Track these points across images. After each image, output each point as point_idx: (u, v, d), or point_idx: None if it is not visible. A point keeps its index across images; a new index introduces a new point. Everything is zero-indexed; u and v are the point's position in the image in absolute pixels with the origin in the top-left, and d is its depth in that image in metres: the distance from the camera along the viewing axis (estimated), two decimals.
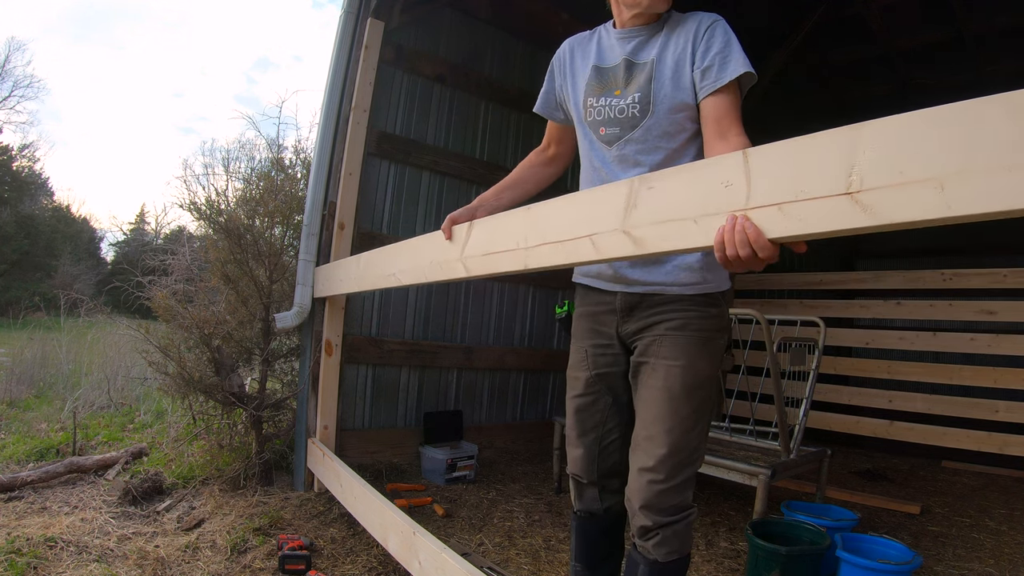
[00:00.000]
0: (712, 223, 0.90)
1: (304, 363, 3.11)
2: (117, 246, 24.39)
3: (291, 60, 77.90)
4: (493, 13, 3.90)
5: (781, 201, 0.82)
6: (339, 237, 3.09)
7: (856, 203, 0.73)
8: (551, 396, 4.33)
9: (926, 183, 0.67)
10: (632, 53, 1.39)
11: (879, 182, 0.72)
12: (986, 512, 3.24)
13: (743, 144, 1.21)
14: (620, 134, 1.37)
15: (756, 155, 0.86)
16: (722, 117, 1.26)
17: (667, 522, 1.30)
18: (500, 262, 1.36)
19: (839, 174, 0.75)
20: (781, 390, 2.46)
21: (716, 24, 1.32)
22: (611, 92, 1.40)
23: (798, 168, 0.81)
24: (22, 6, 47.29)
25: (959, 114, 0.66)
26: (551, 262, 1.21)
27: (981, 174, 0.63)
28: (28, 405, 4.86)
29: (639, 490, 1.31)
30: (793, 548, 2.01)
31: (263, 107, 24.93)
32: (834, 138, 0.77)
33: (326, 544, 2.37)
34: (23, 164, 21.22)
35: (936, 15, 4.38)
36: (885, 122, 0.72)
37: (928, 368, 4.41)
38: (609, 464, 1.47)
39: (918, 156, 0.68)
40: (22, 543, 2.15)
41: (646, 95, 1.34)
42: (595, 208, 1.11)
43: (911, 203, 0.69)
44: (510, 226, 1.34)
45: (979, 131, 0.63)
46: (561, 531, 2.63)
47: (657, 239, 0.99)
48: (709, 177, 0.92)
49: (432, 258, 1.68)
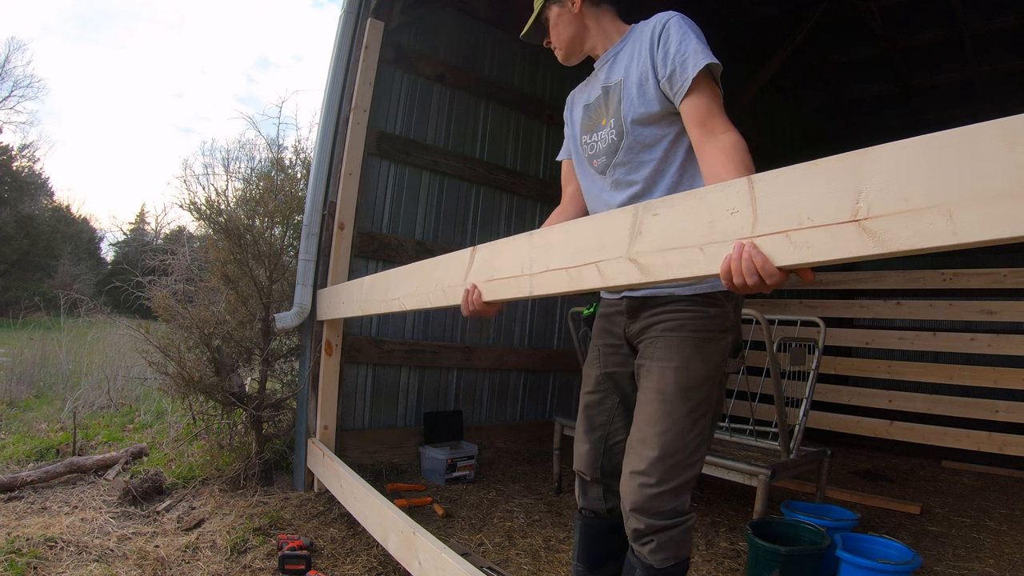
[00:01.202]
0: (718, 251, 0.89)
1: (304, 363, 3.11)
2: (117, 246, 24.43)
3: (291, 60, 78.00)
4: (492, 13, 3.90)
5: (787, 229, 0.81)
6: (339, 237, 3.09)
7: (864, 231, 0.72)
8: (551, 396, 4.33)
9: (934, 210, 0.66)
10: (605, 79, 1.42)
11: (886, 209, 0.70)
12: (986, 512, 3.24)
13: (733, 140, 1.21)
14: (607, 161, 1.40)
15: (761, 182, 0.85)
16: (705, 117, 1.25)
17: (661, 526, 1.28)
18: (505, 288, 1.34)
19: (845, 201, 0.74)
20: (781, 390, 2.46)
21: (669, 24, 1.30)
22: (599, 125, 1.43)
23: (804, 195, 0.80)
24: (22, 6, 47.31)
25: (965, 139, 0.64)
26: (556, 289, 1.20)
27: (989, 200, 0.62)
28: (28, 405, 4.86)
29: (630, 493, 1.30)
30: (793, 548, 2.01)
31: (263, 107, 24.99)
32: (840, 165, 0.76)
33: (326, 544, 2.37)
34: (23, 164, 21.25)
35: (936, 15, 4.39)
36: (891, 148, 0.71)
37: (928, 368, 4.41)
38: (614, 463, 1.46)
39: (925, 183, 0.67)
40: (22, 543, 2.15)
41: (618, 118, 1.37)
42: (600, 235, 1.10)
43: (919, 230, 0.68)
44: (514, 252, 1.32)
45: (985, 156, 0.62)
46: (561, 531, 2.63)
47: (663, 267, 0.97)
48: (714, 204, 0.91)
49: (436, 284, 1.67)
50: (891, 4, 4.26)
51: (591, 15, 1.45)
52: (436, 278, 1.67)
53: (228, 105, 66.91)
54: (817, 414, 4.49)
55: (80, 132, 54.48)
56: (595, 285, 1.11)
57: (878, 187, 0.71)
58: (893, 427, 4.38)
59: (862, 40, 4.85)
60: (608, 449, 1.48)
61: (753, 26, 4.88)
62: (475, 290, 1.40)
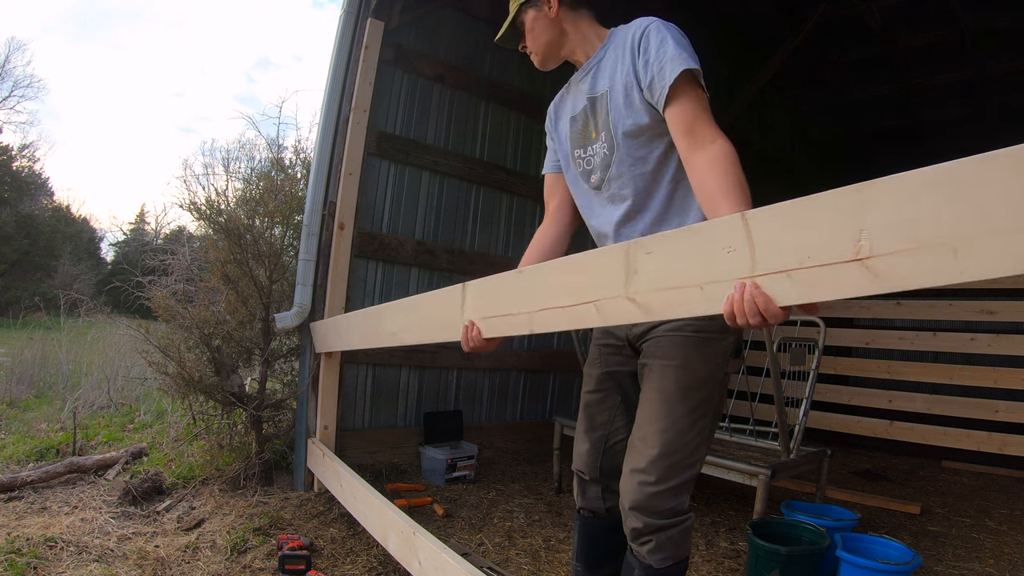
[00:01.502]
0: (718, 290, 0.88)
1: (304, 363, 3.11)
2: (117, 246, 24.43)
3: (291, 60, 77.95)
4: (492, 13, 3.90)
5: (788, 268, 0.79)
6: (339, 237, 3.10)
7: (867, 269, 0.69)
8: (551, 396, 4.33)
9: (938, 248, 0.63)
10: (590, 90, 1.38)
11: (889, 247, 0.67)
12: (986, 512, 3.24)
13: (721, 150, 1.17)
14: (602, 176, 1.38)
15: (756, 219, 0.82)
16: (690, 126, 1.21)
17: (660, 525, 1.27)
18: (501, 325, 1.32)
19: (847, 239, 0.71)
20: (781, 390, 2.46)
21: (648, 30, 1.27)
22: (590, 138, 1.39)
23: (803, 232, 0.77)
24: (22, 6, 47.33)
25: (969, 172, 0.61)
26: (556, 327, 1.18)
27: (996, 235, 0.59)
28: (28, 405, 4.86)
29: (629, 491, 1.29)
30: (793, 548, 2.01)
31: (263, 107, 25.01)
32: (839, 200, 0.72)
33: (326, 544, 2.37)
34: (23, 164, 21.26)
35: (936, 15, 4.39)
36: (891, 182, 0.68)
37: (928, 368, 4.42)
38: (613, 463, 1.45)
39: (929, 219, 0.64)
40: (22, 543, 2.15)
41: (608, 132, 1.34)
42: (595, 273, 1.08)
43: (924, 269, 0.65)
44: (510, 289, 1.30)
45: (991, 190, 0.59)
46: (561, 531, 2.63)
47: (663, 306, 0.95)
48: (709, 242, 0.89)
49: (433, 318, 1.65)
50: (891, 4, 4.26)
51: (569, 19, 1.41)
52: (432, 313, 1.65)
53: (228, 105, 66.91)
54: (817, 414, 4.50)
55: (80, 132, 54.47)
56: (596, 323, 1.09)
57: (880, 223, 0.68)
58: (893, 427, 4.38)
59: (862, 40, 4.85)
60: (608, 449, 1.47)
61: (753, 26, 4.89)
62: (473, 327, 1.37)
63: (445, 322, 1.54)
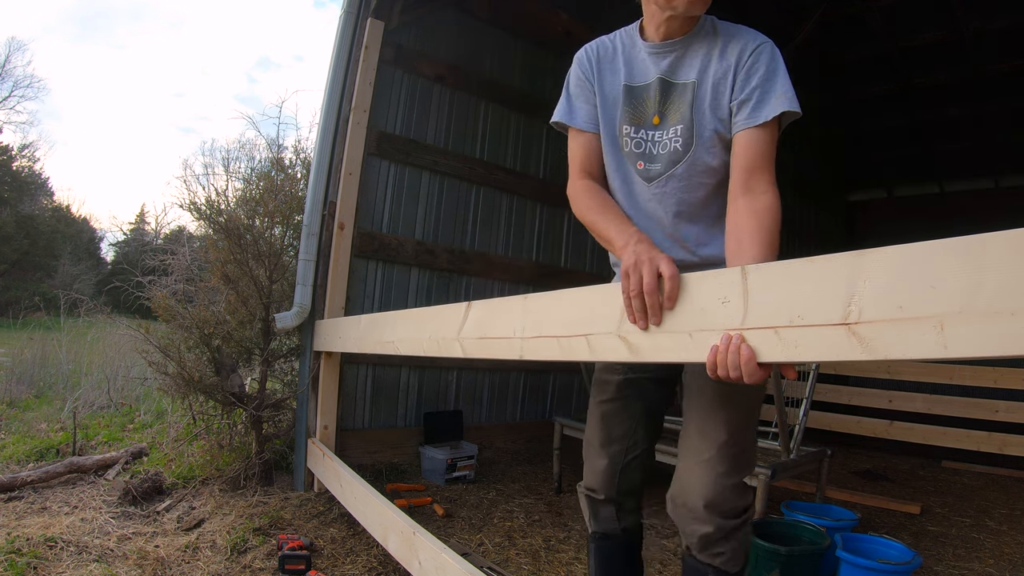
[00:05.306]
0: (706, 339, 0.89)
1: (304, 363, 3.11)
2: (117, 246, 24.41)
3: (292, 60, 77.99)
4: (492, 13, 3.90)
5: (777, 325, 0.80)
6: (339, 237, 3.10)
7: (853, 335, 0.71)
8: (551, 396, 4.32)
9: (926, 321, 0.64)
10: (668, 71, 1.22)
11: (878, 315, 0.69)
12: (986, 512, 3.24)
13: (767, 204, 1.10)
14: (662, 171, 1.23)
15: (755, 274, 0.84)
16: (754, 165, 1.13)
17: (733, 527, 1.15)
18: (496, 347, 1.36)
19: (838, 302, 0.73)
20: (781, 390, 2.46)
21: (762, 48, 1.17)
22: (649, 121, 1.24)
23: (797, 292, 0.78)
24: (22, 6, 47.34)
25: (965, 249, 0.62)
26: (546, 356, 1.19)
27: (983, 316, 0.59)
28: (28, 405, 4.86)
29: (701, 486, 1.15)
30: (793, 548, 2.01)
31: (263, 107, 25.04)
32: (836, 264, 0.74)
33: (326, 544, 2.37)
34: (23, 164, 21.25)
35: (936, 15, 4.39)
36: (888, 252, 0.69)
37: (928, 368, 4.41)
38: (630, 482, 1.36)
39: (920, 291, 0.65)
40: (22, 543, 2.15)
41: (688, 126, 1.20)
42: (592, 308, 1.09)
43: (909, 340, 0.66)
44: (508, 314, 1.33)
45: (985, 269, 0.60)
46: (561, 531, 2.63)
47: (651, 348, 0.98)
48: (707, 292, 0.90)
49: (431, 333, 1.67)
50: (891, 4, 4.26)
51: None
52: (431, 328, 1.68)
53: (228, 105, 66.99)
54: (817, 414, 4.50)
55: (80, 132, 54.50)
56: (584, 357, 1.11)
57: (872, 292, 0.69)
58: (893, 427, 4.38)
59: (862, 40, 4.85)
60: (627, 465, 1.35)
61: (753, 25, 4.88)
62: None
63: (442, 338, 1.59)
